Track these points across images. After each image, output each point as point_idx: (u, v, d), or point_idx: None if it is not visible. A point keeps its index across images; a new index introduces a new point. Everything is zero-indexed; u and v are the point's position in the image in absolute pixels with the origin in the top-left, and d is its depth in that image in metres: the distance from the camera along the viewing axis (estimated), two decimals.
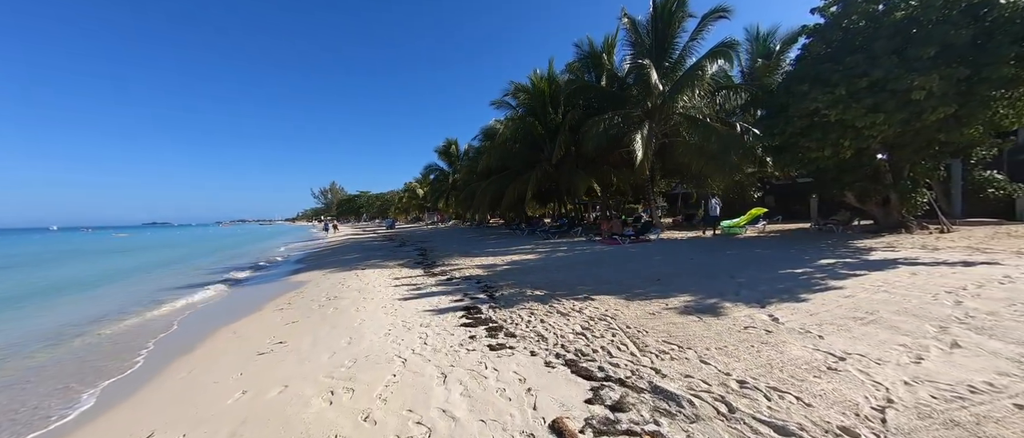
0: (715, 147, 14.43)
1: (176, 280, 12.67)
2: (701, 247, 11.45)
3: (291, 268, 14.11)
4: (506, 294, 6.84)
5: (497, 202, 19.52)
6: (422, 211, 62.55)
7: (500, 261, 11.25)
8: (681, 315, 5.04)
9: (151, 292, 10.41)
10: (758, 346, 3.84)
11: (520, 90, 19.14)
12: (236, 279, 12.18)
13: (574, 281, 7.65)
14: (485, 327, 4.98)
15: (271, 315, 6.68)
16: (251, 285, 10.79)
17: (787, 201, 23.77)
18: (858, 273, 6.62)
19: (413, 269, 11.04)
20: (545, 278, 8.14)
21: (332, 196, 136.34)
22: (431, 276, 9.55)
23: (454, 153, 40.46)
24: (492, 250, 14.61)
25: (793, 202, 23.88)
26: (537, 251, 13.16)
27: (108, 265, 19.30)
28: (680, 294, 6.12)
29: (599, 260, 10.19)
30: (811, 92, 9.11)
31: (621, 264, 9.33)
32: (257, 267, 15.51)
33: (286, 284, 10.26)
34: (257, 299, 8.59)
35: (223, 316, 7.21)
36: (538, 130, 18.33)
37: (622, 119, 16.19)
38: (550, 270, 9.16)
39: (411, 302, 6.73)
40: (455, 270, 10.17)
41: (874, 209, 12.38)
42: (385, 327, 5.27)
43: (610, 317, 5.07)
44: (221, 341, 5.52)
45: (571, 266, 9.53)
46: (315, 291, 8.48)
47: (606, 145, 15.70)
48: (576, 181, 16.73)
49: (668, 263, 9.00)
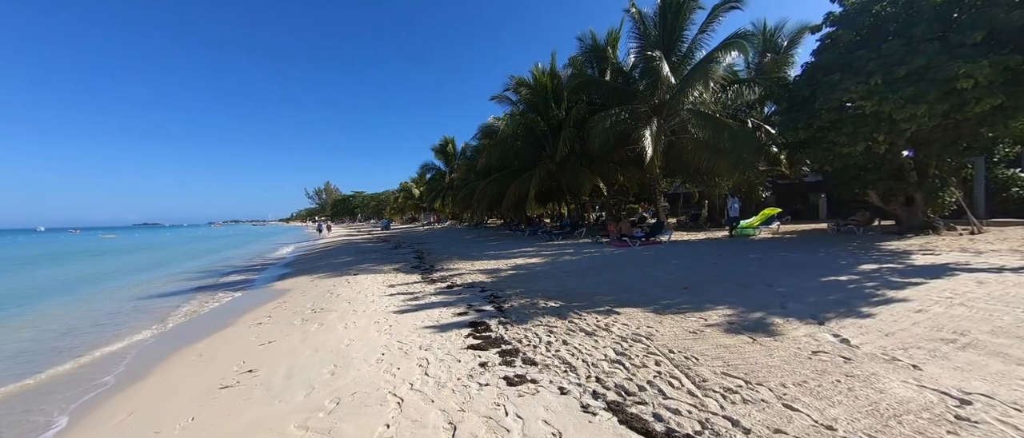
0: (727, 144, 13.72)
1: (151, 287, 11.71)
2: (719, 250, 10.71)
3: (278, 273, 13.19)
4: (516, 306, 6.03)
5: (497, 202, 18.68)
6: (418, 211, 61.57)
7: (503, 265, 10.44)
8: (728, 334, 4.26)
9: (118, 303, 9.47)
10: (844, 380, 3.07)
11: (521, 85, 18.32)
12: (216, 286, 11.24)
13: (590, 290, 6.86)
14: (497, 350, 4.17)
15: (246, 331, 5.81)
16: (231, 293, 9.88)
17: (791, 200, 23.20)
18: (913, 281, 5.89)
19: (409, 274, 10.19)
20: (557, 286, 7.34)
21: (326, 196, 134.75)
22: (430, 283, 8.71)
23: (451, 152, 39.58)
24: (493, 253, 13.80)
25: (796, 201, 23.31)
26: (542, 254, 12.36)
27: (84, 270, 18.21)
28: (716, 306, 5.35)
29: (611, 264, 9.41)
30: (843, 82, 8.40)
31: (638, 269, 8.55)
32: (242, 271, 14.57)
33: (269, 292, 9.36)
34: (234, 310, 7.70)
35: (192, 332, 6.32)
36: (540, 127, 17.51)
37: (629, 115, 15.45)
38: (560, 276, 8.37)
39: (408, 316, 5.90)
40: (455, 276, 9.34)
41: (897, 209, 11.72)
42: (378, 350, 4.43)
43: (645, 337, 4.27)
44: (181, 366, 4.65)
45: (582, 272, 8.74)
46: (300, 301, 7.61)
47: (613, 142, 14.95)
48: (580, 180, 15.94)
49: (689, 268, 8.24)
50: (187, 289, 10.91)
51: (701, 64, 13.89)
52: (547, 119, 17.65)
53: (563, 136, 15.78)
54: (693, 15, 15.28)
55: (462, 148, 38.92)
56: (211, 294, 9.94)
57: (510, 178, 17.72)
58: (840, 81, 8.39)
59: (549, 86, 17.86)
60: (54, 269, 18.78)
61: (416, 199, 57.64)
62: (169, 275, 14.53)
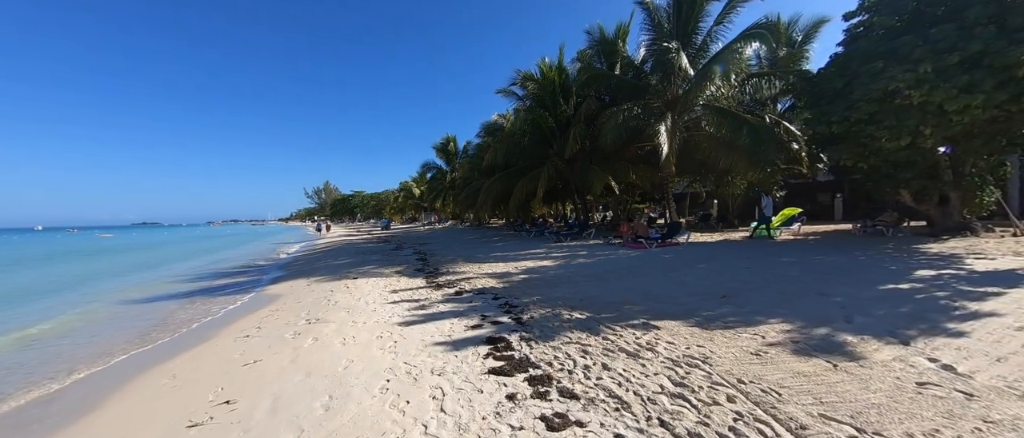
0: (746, 140, 13.02)
1: (135, 291, 11.00)
2: (744, 252, 10.02)
3: (273, 276, 12.48)
4: (537, 317, 5.33)
5: (503, 201, 17.99)
6: (418, 211, 60.90)
7: (513, 269, 9.75)
8: (799, 357, 3.57)
9: (96, 309, 8.77)
10: (986, 430, 2.38)
11: (528, 79, 17.60)
12: (204, 290, 10.53)
13: (616, 297, 6.17)
14: (525, 377, 3.47)
15: (229, 347, 5.11)
16: (220, 298, 9.17)
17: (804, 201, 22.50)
18: (988, 290, 5.20)
19: (413, 278, 9.49)
20: (577, 293, 6.65)
21: (326, 196, 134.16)
22: (436, 288, 8.01)
23: (453, 151, 38.87)
24: (500, 255, 13.10)
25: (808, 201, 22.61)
26: (552, 256, 11.67)
27: (73, 271, 17.49)
28: (767, 319, 4.67)
29: (631, 268, 8.72)
30: (886, 70, 7.70)
31: (661, 273, 7.86)
32: (234, 274, 13.86)
33: (261, 298, 8.65)
34: (220, 319, 7.00)
35: (169, 345, 5.62)
36: (548, 123, 16.79)
37: (641, 110, 14.77)
38: (578, 281, 7.67)
39: (415, 329, 5.20)
40: (463, 280, 8.65)
41: (931, 209, 11.04)
42: (382, 374, 3.74)
43: (701, 360, 3.58)
44: (147, 392, 3.95)
45: (601, 276, 8.05)
46: (293, 310, 6.90)
47: (625, 138, 14.26)
48: (590, 178, 15.24)
49: (718, 273, 7.55)
50: (172, 294, 10.20)
51: (721, 56, 13.20)
52: (555, 115, 16.94)
53: (573, 132, 15.07)
54: (709, 6, 14.58)
55: (464, 147, 38.22)
56: (197, 300, 9.24)
57: (516, 176, 17.01)
58: (883, 69, 7.70)
59: (557, 81, 17.15)
60: (42, 270, 18.06)
61: (416, 199, 56.95)
62: (158, 277, 13.82)
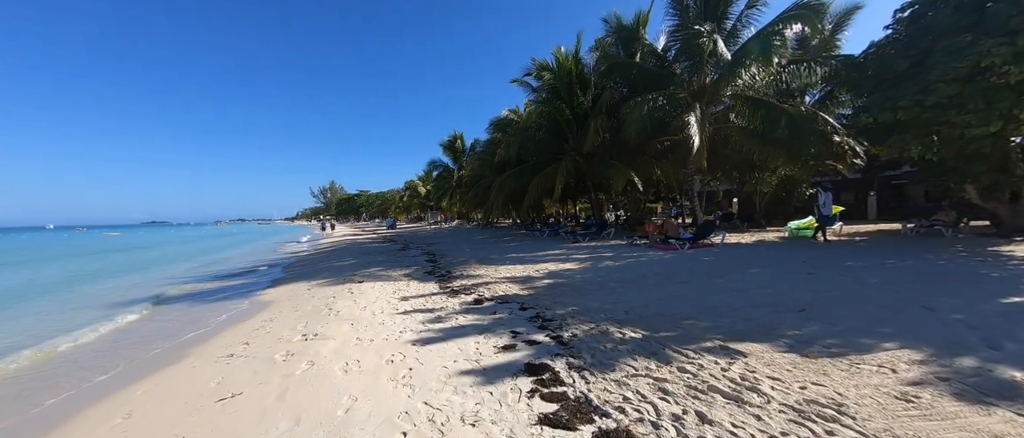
0: (785, 132, 11.96)
1: (122, 292, 10.19)
2: (796, 255, 8.95)
3: (271, 278, 11.62)
4: (581, 336, 4.36)
5: (517, 198, 17.00)
6: (424, 210, 60.16)
7: (534, 272, 8.78)
8: (968, 405, 2.58)
9: (71, 312, 7.94)
10: None
11: (544, 69, 16.55)
12: (195, 294, 9.67)
13: (666, 308, 5.19)
14: (594, 433, 2.51)
15: (205, 371, 4.20)
16: (211, 304, 8.30)
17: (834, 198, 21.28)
18: None
19: (424, 282, 8.56)
20: (616, 302, 5.68)
21: (331, 195, 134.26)
22: (451, 294, 7.06)
23: (460, 148, 37.93)
24: (515, 256, 12.15)
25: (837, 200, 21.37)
26: (574, 258, 10.69)
27: (68, 270, 16.81)
28: (879, 342, 3.68)
29: (668, 273, 7.71)
30: (974, 45, 6.61)
31: (706, 279, 6.86)
32: (231, 275, 13.03)
33: (255, 304, 7.75)
34: (203, 331, 6.10)
35: (135, 365, 4.73)
36: (565, 115, 15.75)
37: (667, 101, 13.72)
38: (613, 288, 6.69)
39: (433, 349, 4.26)
40: (481, 285, 7.70)
41: (999, 207, 9.91)
42: (396, 423, 2.79)
43: (835, 409, 2.59)
44: (89, 436, 3.03)
45: (637, 282, 7.05)
46: (288, 322, 5.98)
47: (649, 131, 13.23)
48: (611, 174, 14.20)
49: (780, 279, 6.53)
50: (159, 297, 9.36)
51: (758, 39, 12.11)
52: (572, 107, 15.92)
53: (593, 124, 14.02)
54: None
55: (471, 144, 37.26)
56: (185, 305, 8.38)
57: (531, 172, 15.99)
58: (971, 43, 6.62)
59: (574, 71, 16.13)
60: (36, 270, 17.40)
61: (422, 198, 56.18)
62: (152, 278, 13.04)
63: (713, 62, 13.52)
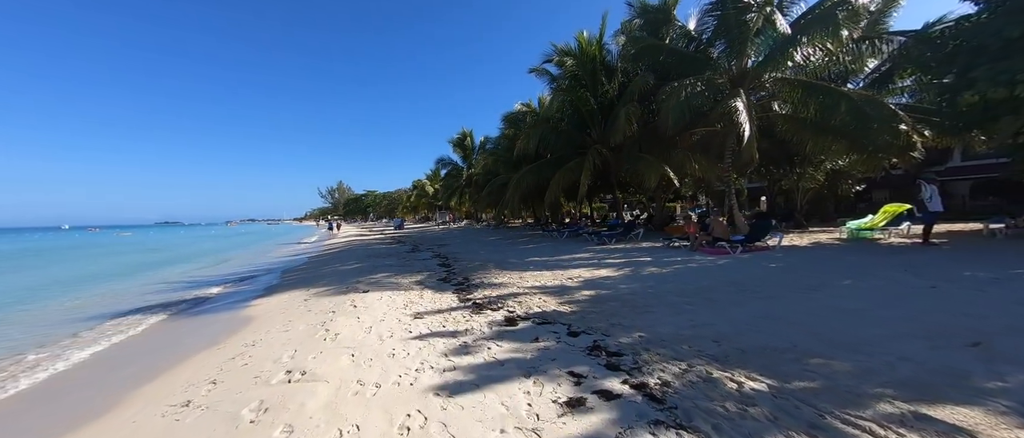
0: (847, 118, 10.49)
1: (102, 303, 9.09)
2: (885, 261, 7.50)
3: (266, 284, 10.47)
4: (672, 382, 3.04)
5: (535, 196, 15.66)
6: (432, 210, 59.16)
7: (567, 281, 7.47)
8: None
9: (29, 328, 6.82)
10: None
11: (565, 54, 15.17)
12: (176, 304, 8.51)
13: (770, 337, 3.85)
14: None
15: (142, 432, 2.95)
16: (190, 319, 7.13)
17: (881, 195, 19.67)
18: None
19: (440, 292, 7.29)
20: (693, 325, 4.35)
21: (339, 195, 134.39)
22: (474, 309, 5.78)
23: (469, 146, 36.75)
24: (538, 259, 10.86)
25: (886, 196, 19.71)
26: (607, 263, 9.35)
27: (57, 272, 15.91)
28: None
29: (738, 284, 6.33)
30: None
31: (800, 295, 5.47)
32: (223, 281, 11.92)
33: (239, 321, 6.53)
34: (165, 362, 4.88)
35: (46, 425, 3.51)
36: (589, 105, 14.38)
37: (706, 86, 12.30)
38: (677, 304, 5.35)
39: (464, 400, 2.97)
40: (508, 296, 6.41)
41: None
42: None
43: None
44: None
45: (705, 296, 5.70)
46: (274, 348, 4.74)
47: (687, 121, 11.82)
48: (641, 169, 12.80)
49: (898, 296, 5.12)
50: (139, 308, 8.22)
51: (819, 12, 10.64)
52: (596, 96, 14.55)
53: (624, 113, 12.58)
54: None
55: (481, 142, 36.10)
56: (163, 317, 7.23)
57: (551, 168, 14.65)
58: None
59: (599, 57, 14.77)
60: (18, 273, 16.53)
61: (430, 197, 55.17)
62: (142, 284, 12.00)
63: (759, 42, 12.08)
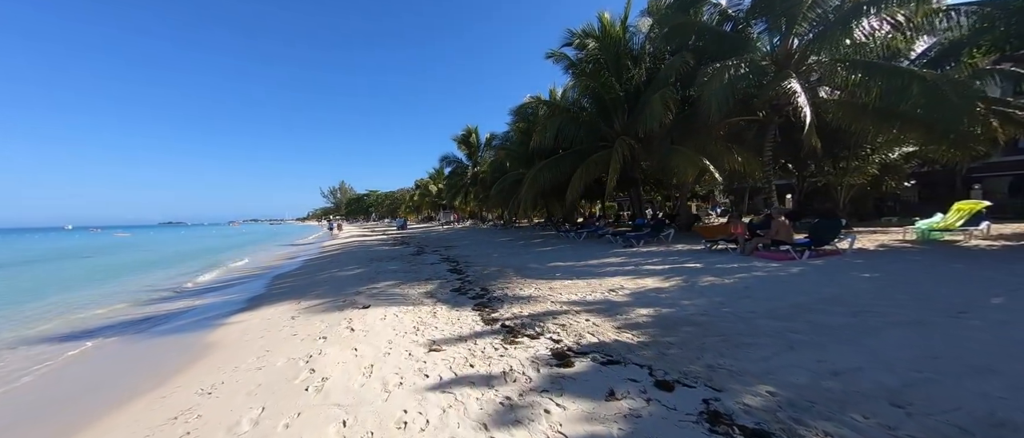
0: (922, 103, 9.06)
1: (60, 315, 7.76)
2: (1000, 266, 6.07)
3: (252, 294, 9.12)
4: None
5: (551, 193, 14.23)
6: (435, 210, 57.82)
7: (609, 293, 6.08)
8: None
9: None
10: None
11: (587, 36, 13.73)
12: (142, 321, 7.15)
13: (973, 400, 2.43)
14: None
15: None
16: (145, 340, 5.79)
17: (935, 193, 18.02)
18: None
19: (457, 308, 5.90)
20: (835, 373, 2.96)
21: (341, 195, 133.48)
22: (505, 335, 4.39)
23: (474, 143, 35.37)
24: (562, 264, 9.49)
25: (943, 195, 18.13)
26: (646, 270, 7.96)
27: (35, 276, 14.64)
28: None
29: (847, 302, 4.91)
30: None
31: (955, 319, 4.06)
32: (210, 290, 10.60)
33: (200, 348, 5.16)
34: (65, 415, 3.53)
35: None
36: (614, 92, 12.93)
37: (750, 68, 10.88)
38: (784, 334, 3.95)
39: None
40: (544, 316, 5.02)
41: None
42: None
43: None
44: None
45: (812, 317, 4.30)
46: (234, 402, 3.38)
47: (733, 107, 10.40)
48: (676, 162, 11.36)
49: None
50: (80, 327, 6.88)
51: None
52: (621, 82, 13.11)
53: (659, 98, 11.05)
54: None
55: (487, 139, 34.73)
56: (102, 339, 5.88)
57: (571, 162, 13.22)
58: None
59: (623, 38, 13.35)
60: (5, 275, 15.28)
61: (433, 196, 53.84)
62: (115, 290, 10.69)
63: (812, 17, 10.65)
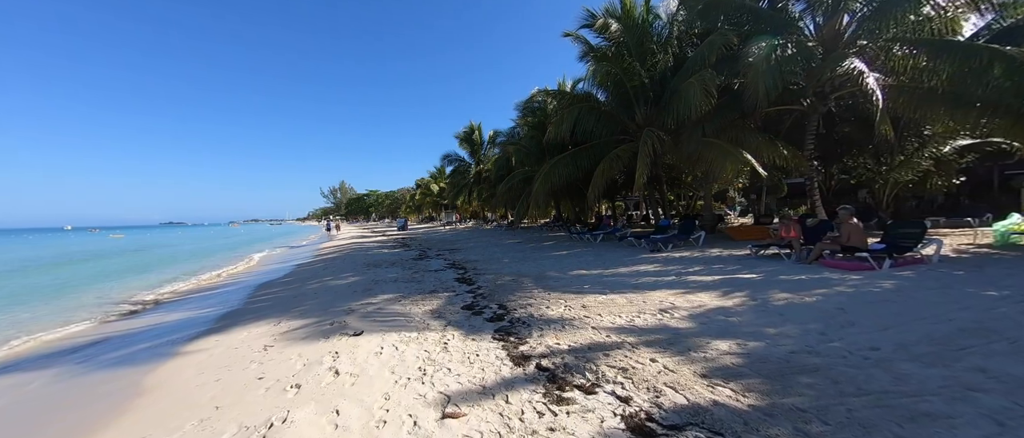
0: (1007, 86, 7.79)
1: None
2: None
3: (225, 309, 7.81)
4: None
5: (568, 191, 12.93)
6: (437, 210, 56.54)
7: (660, 315, 4.79)
8: None
9: None
10: None
11: (610, 16, 12.38)
12: (72, 350, 5.86)
13: None
14: None
15: None
16: (67, 378, 4.53)
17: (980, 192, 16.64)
18: None
19: (472, 337, 4.61)
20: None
21: (341, 195, 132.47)
22: (549, 390, 3.11)
23: (478, 140, 34.09)
24: (584, 272, 8.23)
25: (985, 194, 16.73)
26: (692, 281, 6.68)
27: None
28: None
29: (986, 330, 3.62)
30: None
31: None
32: (175, 304, 9.32)
33: (129, 393, 3.89)
34: None
35: None
36: (638, 79, 11.58)
37: (797, 50, 9.60)
38: (947, 388, 2.64)
39: None
40: (591, 352, 3.73)
41: None
42: None
43: None
44: None
45: (973, 361, 3.00)
46: None
47: (781, 91, 9.11)
48: (710, 156, 10.06)
49: None
50: (15, 359, 5.60)
51: None
52: (645, 68, 11.79)
53: (695, 82, 9.62)
54: None
55: (490, 136, 33.46)
56: (24, 377, 4.59)
57: (589, 157, 11.90)
58: None
59: (647, 20, 12.05)
60: None
61: (435, 196, 52.58)
62: (74, 302, 9.41)
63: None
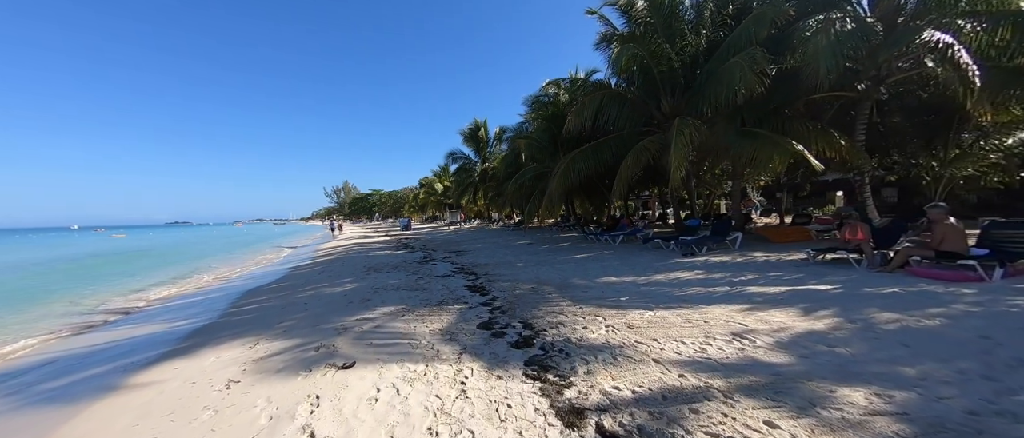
0: None
1: None
2: None
3: (198, 324, 6.73)
4: None
5: (584, 188, 11.72)
6: (441, 209, 55.51)
7: (735, 338, 3.65)
8: None
9: None
10: None
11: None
12: (28, 369, 4.85)
13: None
14: None
15: None
16: None
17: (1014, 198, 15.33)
18: None
19: (497, 372, 3.50)
20: None
21: (345, 195, 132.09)
22: None
23: (483, 137, 32.99)
24: (614, 280, 7.08)
25: None
26: (751, 292, 5.54)
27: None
28: None
29: None
30: None
31: None
32: (153, 314, 8.27)
33: None
34: None
35: None
36: (668, 63, 10.33)
37: (857, 25, 8.39)
38: None
39: None
40: (666, 399, 2.58)
41: None
42: None
43: None
44: None
45: None
46: None
47: (840, 74, 7.90)
48: (756, 148, 8.79)
49: None
50: None
51: None
52: (676, 50, 10.57)
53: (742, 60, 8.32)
54: None
55: (496, 132, 32.35)
56: None
57: (613, 149, 10.70)
58: None
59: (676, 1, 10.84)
60: None
61: (439, 195, 51.53)
62: (32, 318, 8.40)
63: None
